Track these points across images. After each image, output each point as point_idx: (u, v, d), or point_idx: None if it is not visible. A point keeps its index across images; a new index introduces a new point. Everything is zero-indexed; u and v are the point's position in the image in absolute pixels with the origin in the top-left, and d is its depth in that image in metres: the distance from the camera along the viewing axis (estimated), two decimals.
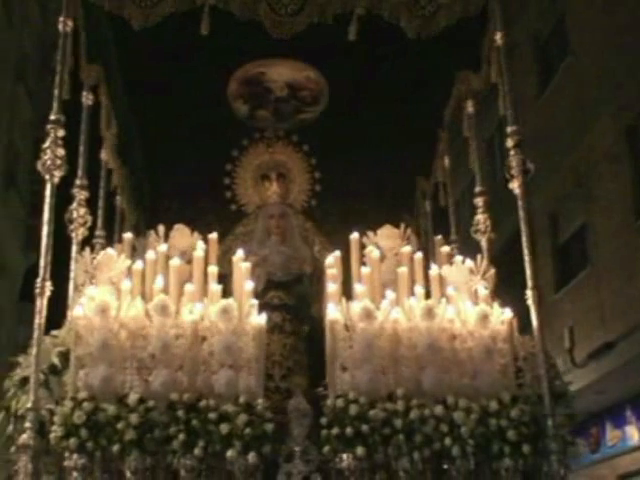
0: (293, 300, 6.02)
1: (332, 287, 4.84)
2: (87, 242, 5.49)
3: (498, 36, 5.17)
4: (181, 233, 5.71)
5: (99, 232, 6.12)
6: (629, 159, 11.27)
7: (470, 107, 5.92)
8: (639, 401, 11.89)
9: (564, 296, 13.19)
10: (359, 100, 6.39)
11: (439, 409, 4.31)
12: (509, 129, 5.00)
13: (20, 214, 15.32)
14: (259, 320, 4.55)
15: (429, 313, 4.55)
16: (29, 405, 4.28)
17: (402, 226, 5.72)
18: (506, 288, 5.34)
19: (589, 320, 11.96)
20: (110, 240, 6.33)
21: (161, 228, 5.56)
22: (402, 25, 5.29)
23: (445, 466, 4.30)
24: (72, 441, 4.12)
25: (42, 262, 4.59)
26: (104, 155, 6.30)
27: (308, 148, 6.54)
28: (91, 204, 5.63)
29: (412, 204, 6.93)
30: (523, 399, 4.41)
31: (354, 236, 5.37)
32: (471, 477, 4.29)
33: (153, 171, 6.77)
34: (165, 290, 4.72)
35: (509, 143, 4.96)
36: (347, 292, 4.95)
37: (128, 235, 5.49)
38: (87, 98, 5.73)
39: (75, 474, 4.16)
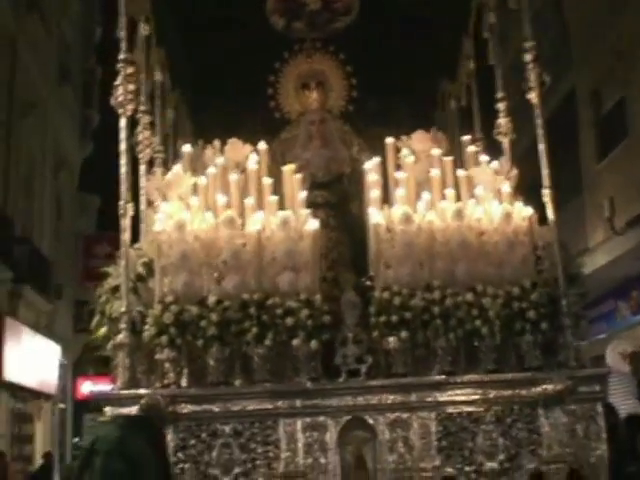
0: (335, 198, 6.77)
1: (374, 193, 5.60)
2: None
3: None
4: (234, 146, 6.41)
5: (158, 148, 6.82)
6: None
7: (492, 18, 6.44)
8: None
9: (605, 167, 13.70)
10: (389, 8, 6.99)
11: (470, 296, 5.12)
12: (527, 45, 5.58)
13: (74, 107, 15.81)
14: (313, 227, 5.34)
15: (459, 214, 5.34)
16: (123, 309, 5.10)
17: (433, 130, 6.40)
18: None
19: (628, 189, 12.48)
20: (166, 150, 7.10)
21: (216, 143, 6.31)
22: None
23: (476, 343, 5.14)
24: (163, 338, 4.99)
25: (122, 187, 5.32)
26: (158, 76, 6.96)
27: (344, 57, 7.16)
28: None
29: (442, 104, 7.59)
30: (542, 283, 5.18)
31: (389, 140, 6.06)
32: (497, 351, 5.13)
33: (203, 87, 7.47)
34: (228, 202, 5.51)
35: (527, 58, 5.56)
36: (383, 192, 5.70)
37: (187, 147, 6.23)
38: (144, 29, 6.35)
39: (167, 365, 5.04)
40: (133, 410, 4.74)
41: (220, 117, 7.37)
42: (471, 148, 6.18)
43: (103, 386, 18.78)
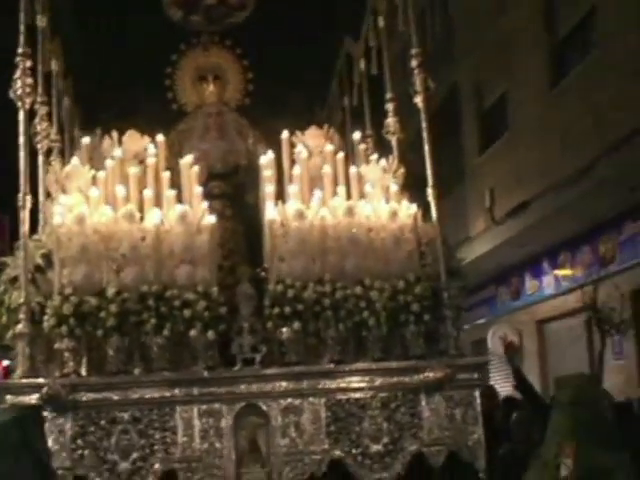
0: (231, 189, 7.06)
1: (269, 188, 5.89)
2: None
3: None
4: (133, 138, 6.58)
5: (54, 137, 6.93)
6: (545, 31, 12.26)
7: (381, 22, 6.82)
8: (554, 254, 13.20)
9: (486, 159, 14.36)
10: (284, 6, 7.28)
11: (359, 289, 5.46)
12: (413, 51, 5.96)
13: None
14: (211, 221, 5.61)
15: (350, 211, 5.67)
16: (21, 300, 5.26)
17: (326, 126, 6.73)
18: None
19: (507, 181, 13.18)
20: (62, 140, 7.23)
21: (115, 134, 6.49)
22: None
23: (364, 333, 5.50)
24: (63, 328, 5.15)
25: (22, 179, 5.48)
26: (54, 65, 7.07)
27: (241, 51, 7.43)
28: None
29: (335, 101, 7.96)
30: (425, 277, 5.58)
31: (284, 135, 6.35)
32: (384, 341, 5.50)
33: (99, 76, 7.60)
34: (126, 195, 5.71)
35: (413, 63, 5.94)
36: (277, 185, 5.99)
37: (86, 140, 6.40)
38: (41, 21, 6.44)
39: (66, 354, 5.22)
40: (33, 399, 4.96)
41: (116, 106, 7.50)
42: (361, 146, 6.56)
43: None
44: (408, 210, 5.80)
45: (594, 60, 10.96)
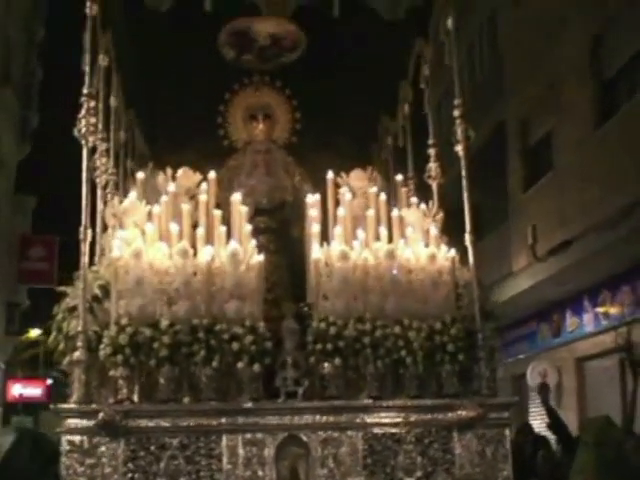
0: (276, 224, 7.52)
1: (315, 228, 6.31)
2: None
3: (449, 22, 6.48)
4: (186, 174, 7.07)
5: (111, 170, 7.43)
6: (592, 73, 12.59)
7: (427, 70, 7.24)
8: (595, 292, 13.44)
9: (530, 196, 14.67)
10: (334, 47, 7.74)
11: (397, 329, 5.84)
12: (456, 101, 6.36)
13: (14, 107, 16.09)
14: (259, 260, 6.03)
15: (391, 254, 6.07)
16: (79, 328, 5.70)
17: (369, 168, 7.16)
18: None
19: (550, 219, 13.49)
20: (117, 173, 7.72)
21: (169, 171, 6.96)
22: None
23: (401, 371, 5.87)
24: (119, 357, 5.57)
25: (83, 213, 5.92)
26: (113, 101, 7.56)
27: (290, 91, 7.90)
28: None
29: (380, 140, 8.38)
30: (460, 319, 5.95)
31: (330, 176, 6.77)
32: (419, 379, 5.87)
33: (157, 112, 8.10)
34: (180, 231, 6.15)
35: (455, 113, 6.34)
36: (321, 225, 6.40)
37: (141, 175, 6.87)
38: (103, 60, 6.96)
39: (120, 382, 5.65)
40: (90, 424, 5.41)
41: (171, 141, 7.98)
42: (403, 189, 6.98)
43: (33, 389, 19.29)
44: (446, 254, 6.17)
45: (638, 102, 11.24)
